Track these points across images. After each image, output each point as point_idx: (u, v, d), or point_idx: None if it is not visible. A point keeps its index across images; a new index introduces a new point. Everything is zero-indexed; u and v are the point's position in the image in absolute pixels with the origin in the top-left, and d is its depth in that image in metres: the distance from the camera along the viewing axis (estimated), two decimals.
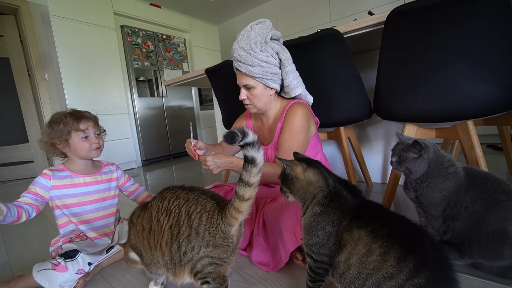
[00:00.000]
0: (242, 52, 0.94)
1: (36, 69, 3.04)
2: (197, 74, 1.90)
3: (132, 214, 0.78)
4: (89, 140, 0.97)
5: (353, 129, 1.53)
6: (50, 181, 0.93)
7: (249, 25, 0.98)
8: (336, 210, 0.60)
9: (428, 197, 0.78)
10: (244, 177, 0.60)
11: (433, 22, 0.88)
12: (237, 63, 0.97)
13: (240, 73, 1.00)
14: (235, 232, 0.66)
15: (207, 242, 0.63)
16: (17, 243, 1.34)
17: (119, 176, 1.12)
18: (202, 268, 0.64)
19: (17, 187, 2.78)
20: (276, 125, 1.09)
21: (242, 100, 1.05)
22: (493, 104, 0.86)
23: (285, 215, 0.88)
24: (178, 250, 0.64)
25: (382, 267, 0.50)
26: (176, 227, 0.65)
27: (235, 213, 0.63)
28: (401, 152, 0.80)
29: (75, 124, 0.94)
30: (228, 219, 0.63)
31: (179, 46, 3.88)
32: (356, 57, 1.55)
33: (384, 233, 0.52)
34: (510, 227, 0.68)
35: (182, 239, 0.64)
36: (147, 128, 3.47)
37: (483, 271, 0.76)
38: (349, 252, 0.55)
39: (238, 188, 0.62)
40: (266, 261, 0.91)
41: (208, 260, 0.64)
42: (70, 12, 2.71)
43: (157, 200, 0.71)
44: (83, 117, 0.97)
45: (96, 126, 1.01)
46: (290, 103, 1.06)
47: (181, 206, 0.66)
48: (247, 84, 1.00)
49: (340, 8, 3.40)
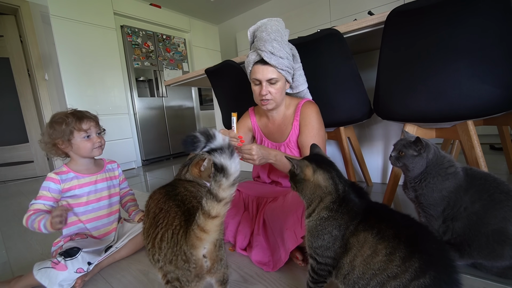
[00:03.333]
0: (275, 43, 0.94)
1: (36, 69, 3.04)
2: (197, 74, 1.90)
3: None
4: (91, 139, 0.98)
5: (353, 129, 1.53)
6: (60, 185, 0.95)
7: (267, 19, 0.98)
8: (344, 215, 0.59)
9: (427, 197, 0.78)
10: (213, 188, 0.48)
11: (433, 22, 0.88)
12: (269, 55, 0.94)
13: (266, 66, 0.96)
14: (208, 254, 0.56)
15: (170, 260, 0.56)
16: (17, 243, 1.34)
17: (120, 174, 1.15)
18: (171, 279, 0.58)
19: (17, 187, 2.78)
20: (291, 123, 1.08)
21: (264, 95, 1.00)
22: (493, 104, 0.86)
23: (286, 214, 0.88)
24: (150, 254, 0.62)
25: (387, 267, 0.50)
26: (154, 226, 0.62)
27: (199, 232, 0.51)
28: (402, 148, 0.80)
29: (78, 124, 0.95)
30: (191, 240, 0.52)
31: (179, 46, 3.88)
32: (356, 57, 1.55)
33: (390, 234, 0.52)
34: (510, 227, 0.67)
35: (148, 248, 0.61)
36: (147, 128, 3.46)
37: (483, 271, 0.76)
38: (354, 254, 0.55)
39: (205, 201, 0.49)
40: (266, 260, 0.91)
41: (172, 276, 0.57)
42: (70, 12, 2.71)
43: (151, 197, 0.71)
44: (85, 117, 0.99)
45: (97, 126, 1.03)
46: (302, 102, 1.07)
47: (152, 211, 0.64)
48: (272, 77, 0.97)
49: (340, 8, 3.40)
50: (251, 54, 1.00)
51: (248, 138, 1.21)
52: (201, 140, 0.46)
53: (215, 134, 0.47)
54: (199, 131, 0.47)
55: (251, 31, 1.04)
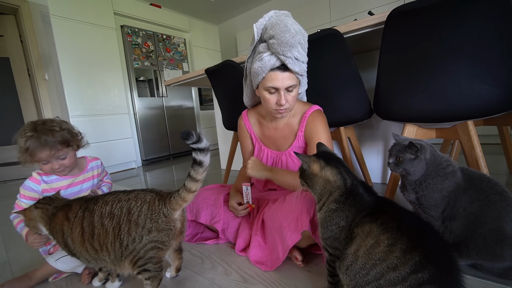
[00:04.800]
0: (300, 48, 0.85)
1: (36, 69, 3.04)
2: (197, 74, 1.90)
3: (68, 206, 0.80)
4: (50, 164, 0.91)
5: (353, 129, 1.53)
6: (40, 185, 0.94)
7: (284, 16, 0.88)
8: (351, 207, 0.61)
9: (428, 198, 0.78)
10: (192, 174, 0.72)
11: (433, 22, 0.88)
12: (293, 61, 0.85)
13: (286, 73, 0.87)
14: (179, 216, 0.76)
15: (149, 229, 0.71)
16: (17, 243, 1.34)
17: (101, 171, 1.11)
18: (144, 253, 0.72)
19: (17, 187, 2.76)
20: (295, 133, 1.03)
21: (283, 105, 0.89)
22: (493, 104, 0.86)
23: (285, 211, 0.88)
24: (120, 246, 0.71)
25: (387, 257, 0.50)
26: (117, 226, 0.72)
27: (181, 201, 0.74)
28: (398, 153, 0.80)
29: (29, 157, 0.88)
30: (172, 205, 0.74)
31: (179, 46, 3.88)
32: (356, 57, 1.55)
33: (394, 225, 0.53)
34: (506, 227, 0.68)
35: (123, 235, 0.71)
36: (147, 128, 3.46)
37: (484, 272, 0.76)
38: (359, 244, 0.56)
39: (187, 182, 0.73)
40: (264, 260, 0.91)
41: (151, 245, 0.72)
42: (70, 12, 2.71)
43: (100, 206, 0.75)
44: (38, 148, 0.87)
45: (58, 151, 0.90)
46: (309, 111, 1.01)
47: (123, 207, 0.74)
48: (292, 84, 0.89)
49: (340, 8, 3.40)
50: (267, 58, 0.86)
51: (252, 148, 1.18)
52: (194, 138, 0.67)
53: (203, 139, 0.69)
54: (195, 133, 0.68)
55: (260, 27, 0.91)
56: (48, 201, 0.84)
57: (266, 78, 0.89)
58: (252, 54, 0.98)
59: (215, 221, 1.06)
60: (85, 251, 0.76)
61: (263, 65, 0.87)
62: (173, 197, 0.74)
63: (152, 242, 0.71)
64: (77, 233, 0.75)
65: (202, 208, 1.08)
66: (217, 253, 1.03)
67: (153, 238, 0.71)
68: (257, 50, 0.92)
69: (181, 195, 0.73)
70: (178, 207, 0.74)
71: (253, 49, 0.97)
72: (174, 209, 0.74)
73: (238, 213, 1.05)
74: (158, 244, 0.72)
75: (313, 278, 0.82)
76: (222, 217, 1.06)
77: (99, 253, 0.74)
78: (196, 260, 0.99)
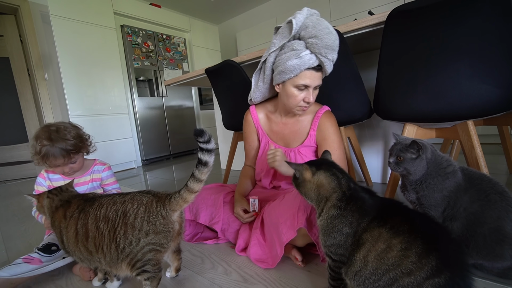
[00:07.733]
0: (336, 53, 0.91)
1: (36, 69, 3.04)
2: (197, 74, 1.90)
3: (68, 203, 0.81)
4: (61, 167, 1.01)
5: (353, 129, 1.53)
6: (46, 182, 1.04)
7: (315, 15, 0.91)
8: (354, 213, 0.59)
9: (429, 198, 0.78)
10: (197, 174, 0.71)
11: (434, 22, 0.88)
12: (331, 63, 0.91)
13: (319, 73, 0.93)
14: (177, 218, 0.75)
15: (146, 232, 0.70)
16: (17, 243, 1.34)
17: (104, 177, 1.13)
18: (142, 256, 0.70)
19: (17, 186, 2.78)
20: (307, 132, 1.06)
21: (309, 102, 0.95)
22: (493, 104, 0.86)
23: (283, 207, 0.88)
24: (116, 249, 0.70)
25: (401, 263, 0.48)
26: (112, 230, 0.71)
27: (181, 201, 0.73)
28: (399, 153, 0.80)
29: (43, 162, 0.97)
30: (172, 206, 0.72)
31: (179, 46, 3.88)
32: (356, 57, 1.55)
33: (405, 228, 0.51)
34: (506, 226, 0.68)
35: (119, 238, 0.70)
36: (147, 128, 3.46)
37: (484, 272, 0.75)
38: (368, 249, 0.54)
39: (190, 182, 0.72)
40: (264, 257, 0.91)
41: (149, 248, 0.70)
42: (70, 11, 2.71)
43: (95, 208, 0.75)
44: (54, 156, 0.95)
45: (71, 158, 0.98)
46: (321, 111, 1.05)
47: (118, 210, 0.72)
48: (320, 84, 0.95)
49: (340, 8, 3.40)
50: (308, 57, 0.87)
51: (257, 144, 1.18)
52: (206, 137, 0.68)
53: (212, 140, 0.70)
54: (208, 133, 0.69)
55: (299, 24, 0.88)
56: (57, 192, 0.84)
57: (300, 75, 0.90)
58: (280, 49, 0.93)
59: (214, 222, 1.05)
60: (78, 251, 0.75)
61: (301, 63, 0.88)
62: (173, 198, 0.73)
63: (149, 245, 0.70)
64: (71, 233, 0.75)
65: (201, 208, 1.08)
66: (217, 253, 1.03)
67: (151, 241, 0.70)
68: (291, 47, 0.89)
69: (182, 195, 0.72)
70: (179, 208, 0.74)
71: (283, 44, 0.91)
72: (174, 210, 0.73)
73: (243, 220, 1.04)
74: (156, 247, 0.71)
75: (313, 278, 0.82)
76: (222, 217, 1.06)
77: (93, 254, 0.74)
78: (196, 260, 1.00)
